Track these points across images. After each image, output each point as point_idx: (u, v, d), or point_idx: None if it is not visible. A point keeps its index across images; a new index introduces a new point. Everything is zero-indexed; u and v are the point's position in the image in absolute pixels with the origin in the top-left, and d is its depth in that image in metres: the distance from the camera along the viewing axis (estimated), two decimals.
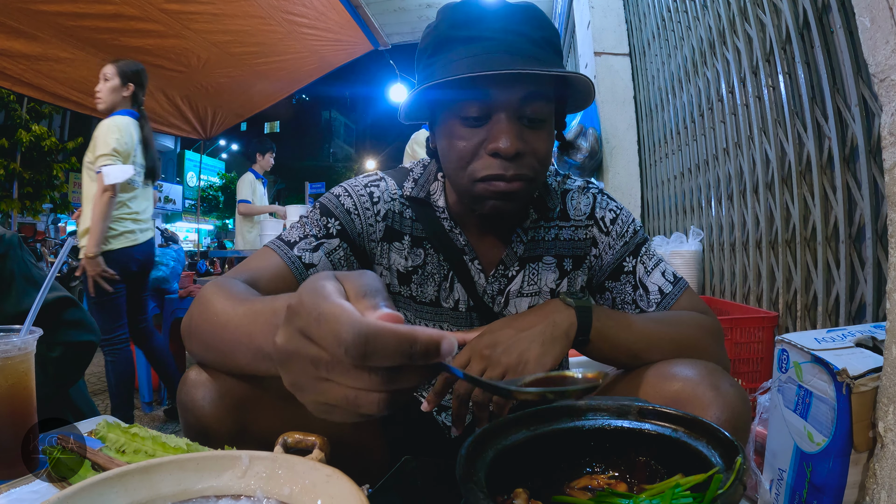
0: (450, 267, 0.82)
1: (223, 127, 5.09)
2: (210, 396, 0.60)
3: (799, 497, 0.89)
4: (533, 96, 0.68)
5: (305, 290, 0.35)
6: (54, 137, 10.54)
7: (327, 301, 0.32)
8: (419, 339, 0.30)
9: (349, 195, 0.81)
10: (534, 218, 0.83)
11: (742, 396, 0.60)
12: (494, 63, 0.65)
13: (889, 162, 0.74)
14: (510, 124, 0.68)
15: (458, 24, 0.69)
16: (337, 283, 0.35)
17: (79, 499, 0.36)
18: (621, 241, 0.83)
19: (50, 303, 1.00)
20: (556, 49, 0.72)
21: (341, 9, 3.48)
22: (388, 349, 0.30)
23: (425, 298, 0.83)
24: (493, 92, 0.67)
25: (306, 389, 0.34)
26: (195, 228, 18.48)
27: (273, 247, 0.76)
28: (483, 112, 0.68)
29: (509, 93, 0.67)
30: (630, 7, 3.13)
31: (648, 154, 2.96)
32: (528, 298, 0.84)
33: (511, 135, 0.67)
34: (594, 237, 0.84)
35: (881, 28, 0.73)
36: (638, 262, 0.82)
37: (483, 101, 0.68)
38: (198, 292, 0.64)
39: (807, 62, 1.37)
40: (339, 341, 0.30)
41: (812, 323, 1.42)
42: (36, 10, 2.93)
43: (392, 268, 0.83)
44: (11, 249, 1.00)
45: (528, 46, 0.67)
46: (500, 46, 0.67)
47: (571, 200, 0.86)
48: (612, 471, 0.49)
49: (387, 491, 0.65)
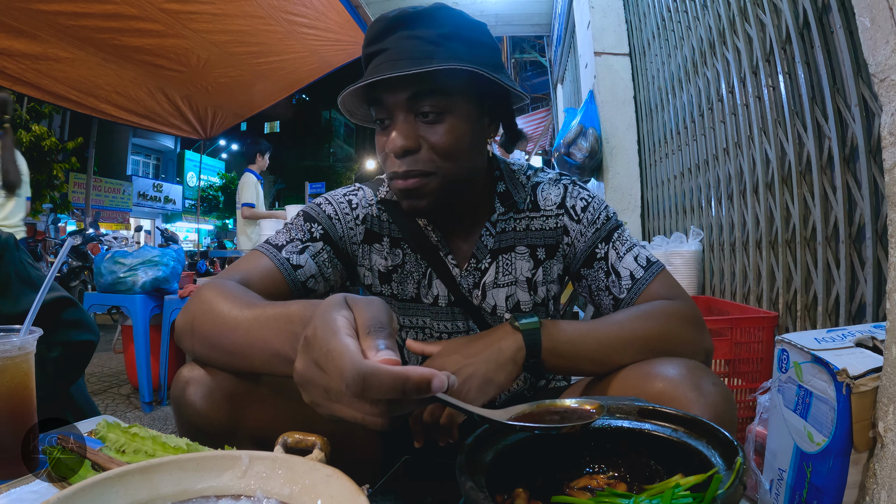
0: (427, 264, 0.85)
1: (223, 127, 5.09)
2: (204, 392, 0.62)
3: (799, 497, 0.89)
4: (422, 93, 0.71)
5: (320, 322, 0.41)
6: (54, 137, 10.54)
7: (335, 337, 0.39)
8: (411, 379, 0.36)
9: (329, 203, 0.86)
10: (501, 211, 0.85)
11: (725, 395, 0.60)
12: (384, 71, 0.69)
13: (889, 162, 0.74)
14: (399, 123, 0.72)
15: (369, 41, 0.76)
16: (348, 313, 0.42)
17: (79, 499, 0.36)
18: (592, 227, 0.83)
19: (49, 303, 1.00)
20: (465, 40, 0.73)
21: (341, 9, 3.48)
22: (384, 387, 0.36)
23: (406, 296, 0.87)
24: (383, 97, 0.73)
25: (322, 407, 0.41)
26: (195, 228, 18.50)
27: (262, 250, 0.80)
28: (386, 116, 0.74)
29: (394, 95, 0.72)
30: (630, 7, 3.13)
31: (648, 154, 2.96)
32: (505, 289, 0.86)
33: (397, 133, 0.72)
34: (565, 225, 0.85)
35: (881, 28, 0.73)
36: (610, 247, 0.82)
37: (382, 106, 0.74)
38: (194, 292, 0.65)
39: (807, 62, 1.37)
40: (342, 378, 0.37)
41: (812, 323, 1.42)
42: (36, 10, 2.93)
43: (374, 268, 0.87)
44: (7, 251, 1.00)
45: (420, 47, 0.71)
46: (392, 55, 0.71)
47: (542, 192, 0.87)
48: (612, 471, 0.49)
49: (387, 491, 0.65)
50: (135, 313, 2.51)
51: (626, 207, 3.02)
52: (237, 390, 0.63)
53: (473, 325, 0.86)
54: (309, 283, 0.80)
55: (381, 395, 0.36)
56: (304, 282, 0.79)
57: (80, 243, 5.71)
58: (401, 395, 0.36)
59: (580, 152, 2.96)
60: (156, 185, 20.06)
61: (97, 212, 13.75)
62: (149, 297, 2.54)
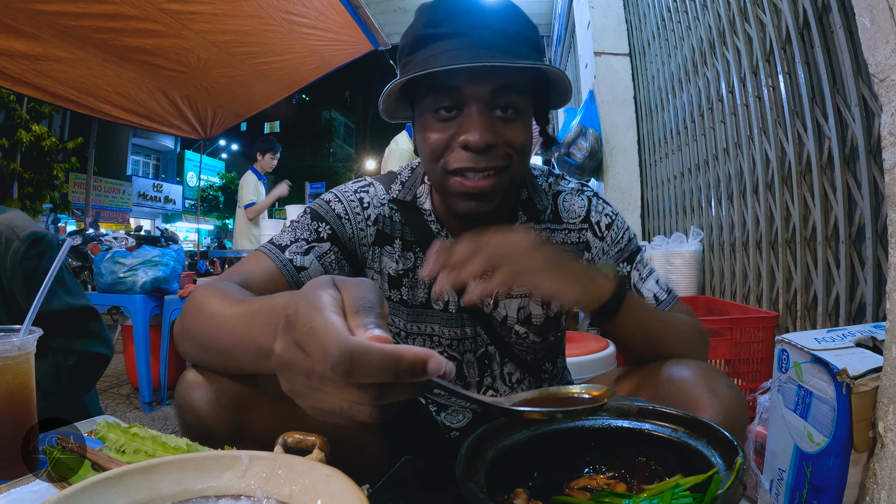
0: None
1: (223, 127, 5.09)
2: (207, 397, 0.61)
3: (799, 497, 0.89)
4: (504, 88, 0.69)
5: (302, 300, 0.36)
6: (54, 137, 10.52)
7: (320, 314, 0.34)
8: (404, 358, 0.31)
9: (339, 201, 0.81)
10: (524, 220, 0.82)
11: (738, 397, 0.60)
12: (464, 57, 0.66)
13: (889, 162, 0.74)
14: (480, 117, 0.68)
15: (433, 21, 0.70)
16: (335, 292, 0.37)
17: (79, 499, 0.36)
18: (616, 247, 0.82)
19: (77, 310, 1.02)
20: (533, 44, 0.72)
21: (341, 9, 3.48)
22: (373, 367, 0.31)
23: (416, 301, 0.83)
24: (462, 85, 0.68)
25: (303, 396, 0.36)
26: (195, 228, 18.48)
27: (265, 250, 0.77)
28: (454, 105, 0.69)
29: (479, 85, 0.68)
30: (630, 7, 3.13)
31: (648, 154, 2.96)
32: (518, 300, 0.83)
33: (481, 127, 0.68)
34: (588, 241, 0.84)
35: (881, 28, 0.73)
36: (633, 268, 0.82)
37: (453, 94, 0.69)
38: (189, 295, 0.65)
39: (807, 62, 1.37)
40: (326, 357, 0.32)
41: (812, 323, 1.42)
42: (36, 10, 2.93)
43: (383, 272, 0.83)
44: (50, 250, 1.02)
45: (501, 41, 0.68)
46: (471, 41, 0.67)
47: (564, 202, 0.85)
48: (611, 471, 0.49)
49: (387, 491, 0.65)
50: (135, 313, 2.51)
51: (626, 207, 3.02)
52: (242, 395, 0.62)
53: (482, 331, 0.84)
54: None
55: (369, 378, 0.31)
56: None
57: (80, 243, 5.71)
58: (392, 378, 0.31)
59: (580, 152, 2.96)
60: (156, 186, 20.05)
61: (97, 212, 13.75)
62: (149, 297, 2.54)
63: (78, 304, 1.03)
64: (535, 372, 0.88)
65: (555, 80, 0.73)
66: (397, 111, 0.79)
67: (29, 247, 0.98)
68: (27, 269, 0.98)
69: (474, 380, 0.85)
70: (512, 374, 0.86)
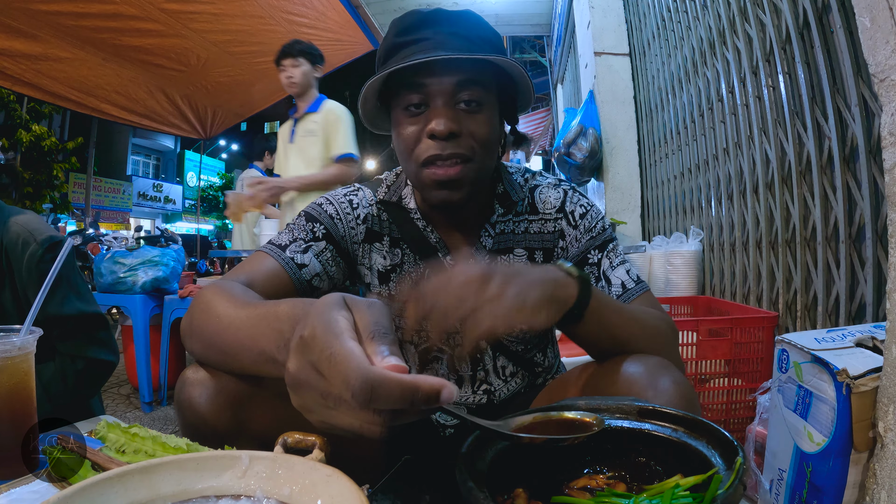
0: (425, 265, 0.86)
1: (223, 127, 5.08)
2: (207, 394, 0.62)
3: (799, 497, 0.89)
4: (467, 83, 0.73)
5: (319, 322, 0.38)
6: (54, 137, 10.53)
7: (338, 341, 0.36)
8: (421, 389, 0.34)
9: (331, 203, 0.87)
10: (501, 212, 0.86)
11: (682, 393, 0.58)
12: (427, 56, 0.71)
13: (889, 162, 0.74)
14: (444, 108, 0.73)
15: (402, 31, 0.77)
16: (348, 314, 0.39)
17: (79, 499, 0.36)
18: (588, 234, 0.84)
19: (88, 316, 1.03)
20: (494, 46, 0.77)
21: (341, 9, 3.48)
22: (392, 397, 0.34)
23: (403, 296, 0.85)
24: (427, 81, 0.73)
25: (314, 413, 0.38)
26: (195, 228, 18.48)
27: (266, 250, 0.81)
28: (422, 100, 0.74)
29: (442, 79, 0.73)
30: (630, 7, 3.13)
31: (648, 154, 2.96)
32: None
33: (444, 116, 0.73)
34: (562, 229, 0.86)
35: (881, 28, 0.73)
36: (604, 256, 0.83)
37: (420, 90, 0.74)
38: (197, 293, 0.66)
39: (807, 62, 1.37)
40: (347, 385, 0.34)
41: (812, 323, 1.42)
42: (36, 10, 2.92)
43: (373, 267, 0.88)
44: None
45: (463, 42, 0.74)
46: (435, 43, 0.73)
47: (540, 195, 0.88)
48: (611, 471, 0.49)
49: (387, 491, 0.65)
50: (135, 313, 2.51)
51: (626, 207, 3.02)
52: (241, 392, 0.62)
53: None
54: (314, 282, 0.81)
55: (388, 406, 0.34)
56: (309, 280, 0.80)
57: (80, 243, 5.71)
58: (408, 406, 0.34)
59: (580, 152, 2.96)
60: (156, 185, 20.05)
61: (97, 212, 13.76)
62: (149, 297, 2.54)
63: (89, 311, 1.05)
64: (529, 365, 0.89)
65: (518, 79, 0.78)
66: (377, 118, 0.84)
67: (46, 251, 0.99)
68: (43, 273, 0.98)
69: (467, 374, 0.87)
70: (505, 368, 0.87)
